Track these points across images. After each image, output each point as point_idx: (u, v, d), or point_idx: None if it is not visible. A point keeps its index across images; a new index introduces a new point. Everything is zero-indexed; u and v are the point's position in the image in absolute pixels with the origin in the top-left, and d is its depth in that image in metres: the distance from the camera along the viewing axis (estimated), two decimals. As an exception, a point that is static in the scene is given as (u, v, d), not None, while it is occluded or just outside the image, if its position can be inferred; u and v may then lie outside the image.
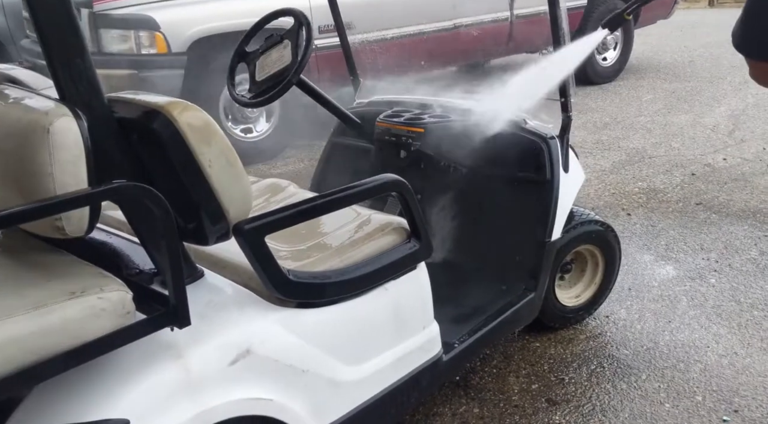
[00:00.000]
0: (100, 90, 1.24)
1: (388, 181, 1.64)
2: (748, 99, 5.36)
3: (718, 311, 2.56)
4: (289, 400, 1.44)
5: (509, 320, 2.10)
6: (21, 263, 1.29)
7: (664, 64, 6.84)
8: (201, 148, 1.28)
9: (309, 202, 1.50)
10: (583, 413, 2.06)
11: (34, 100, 1.23)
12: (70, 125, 1.13)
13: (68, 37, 1.18)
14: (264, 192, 2.06)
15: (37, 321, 1.08)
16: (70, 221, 1.16)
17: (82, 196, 1.12)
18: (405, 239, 1.71)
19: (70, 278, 1.20)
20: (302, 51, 2.06)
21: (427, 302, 1.78)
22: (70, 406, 1.19)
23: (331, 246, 1.66)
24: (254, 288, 1.47)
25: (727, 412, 2.04)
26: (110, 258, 1.47)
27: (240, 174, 1.36)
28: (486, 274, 2.27)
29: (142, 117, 1.28)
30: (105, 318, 1.14)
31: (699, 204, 3.52)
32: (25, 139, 1.14)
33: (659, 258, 2.97)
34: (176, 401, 1.26)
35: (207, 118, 1.31)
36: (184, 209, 1.33)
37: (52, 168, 1.12)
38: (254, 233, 1.38)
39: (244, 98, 2.18)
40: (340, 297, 1.56)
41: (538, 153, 2.16)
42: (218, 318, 1.38)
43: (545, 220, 2.15)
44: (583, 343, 2.40)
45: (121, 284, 1.20)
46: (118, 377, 1.23)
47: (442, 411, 2.09)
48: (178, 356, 1.28)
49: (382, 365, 1.66)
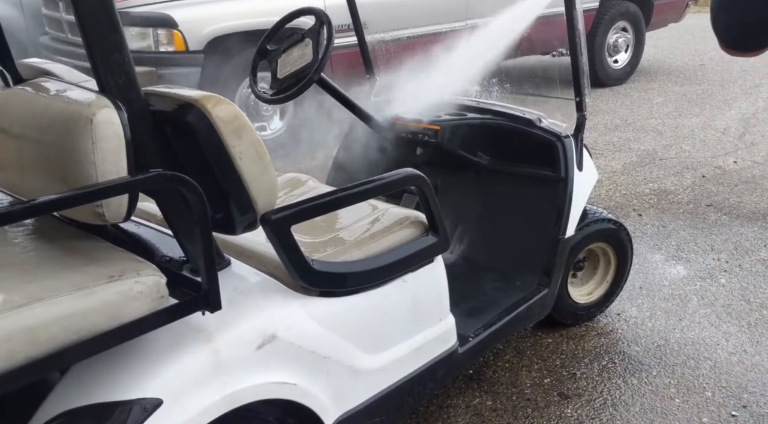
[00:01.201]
0: (137, 83, 1.29)
1: (409, 175, 1.69)
2: (759, 102, 5.38)
3: (728, 309, 2.59)
4: (311, 385, 1.49)
5: (522, 316, 2.14)
6: (58, 248, 1.34)
7: (674, 67, 6.86)
8: (232, 141, 1.33)
9: (333, 194, 1.55)
10: (595, 407, 2.10)
11: (76, 92, 1.28)
12: (112, 117, 1.18)
13: (109, 33, 1.23)
14: (285, 186, 2.11)
15: (79, 302, 1.13)
16: (110, 208, 1.22)
17: (123, 183, 1.17)
18: (423, 233, 1.75)
19: (107, 262, 1.25)
20: (323, 49, 2.10)
21: (443, 295, 1.82)
22: (106, 385, 1.25)
23: (351, 238, 1.71)
24: (279, 277, 1.52)
25: (736, 407, 2.07)
26: (142, 246, 1.53)
27: (268, 166, 1.41)
28: (500, 269, 2.31)
29: (177, 110, 1.33)
30: (141, 301, 1.19)
31: (709, 206, 3.54)
32: (68, 129, 1.19)
33: (670, 258, 3.01)
34: (206, 383, 1.31)
35: (238, 111, 1.36)
36: (214, 199, 1.38)
37: (94, 157, 1.17)
38: (281, 223, 1.43)
39: (266, 95, 2.22)
40: (361, 287, 1.60)
41: (553, 151, 2.20)
42: (245, 304, 1.43)
43: (559, 217, 2.19)
44: (595, 339, 2.44)
45: (155, 268, 1.25)
46: (152, 359, 1.28)
47: (456, 403, 2.14)
48: (208, 340, 1.33)
49: (400, 354, 1.71)
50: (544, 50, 5.68)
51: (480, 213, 2.43)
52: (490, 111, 2.38)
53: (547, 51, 5.64)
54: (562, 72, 2.33)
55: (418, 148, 2.51)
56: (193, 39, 4.07)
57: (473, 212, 2.45)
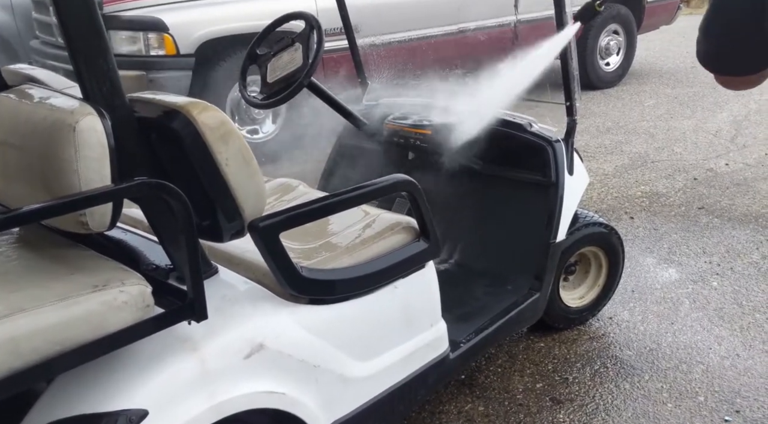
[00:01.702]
0: (121, 90, 1.28)
1: (399, 181, 1.68)
2: (751, 105, 5.40)
3: (720, 313, 2.59)
4: (301, 394, 1.48)
5: (514, 320, 2.13)
6: (43, 257, 1.32)
7: (666, 69, 6.88)
8: (218, 147, 1.32)
9: (322, 201, 1.54)
10: (587, 412, 2.09)
11: (60, 99, 1.26)
12: (95, 124, 1.17)
13: (92, 38, 1.22)
14: (275, 191, 2.09)
15: (63, 313, 1.11)
16: (94, 217, 1.20)
17: (107, 192, 1.16)
18: (414, 238, 1.74)
19: (92, 271, 1.23)
20: (313, 53, 2.10)
21: (434, 301, 1.81)
22: (91, 396, 1.23)
23: (341, 244, 1.70)
24: (267, 285, 1.51)
25: (729, 412, 2.07)
26: (127, 254, 1.51)
27: (255, 173, 1.40)
28: (492, 274, 2.31)
29: (162, 117, 1.32)
30: (126, 311, 1.18)
31: (701, 208, 3.55)
32: (51, 137, 1.18)
33: (662, 261, 3.01)
34: (192, 393, 1.30)
35: (225, 118, 1.35)
36: (201, 207, 1.37)
37: (77, 165, 1.15)
38: (269, 230, 1.42)
39: (256, 99, 2.21)
40: (351, 294, 1.59)
41: (543, 156, 2.20)
42: (233, 313, 1.42)
43: (550, 221, 2.18)
44: (587, 343, 2.44)
45: (140, 278, 1.24)
46: (137, 369, 1.27)
47: (447, 409, 2.12)
48: (194, 349, 1.32)
49: (390, 361, 1.70)
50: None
51: (471, 218, 2.43)
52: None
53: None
54: (553, 76, 2.33)
55: (410, 153, 2.50)
56: (184, 43, 4.05)
57: (465, 217, 2.44)
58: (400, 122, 2.40)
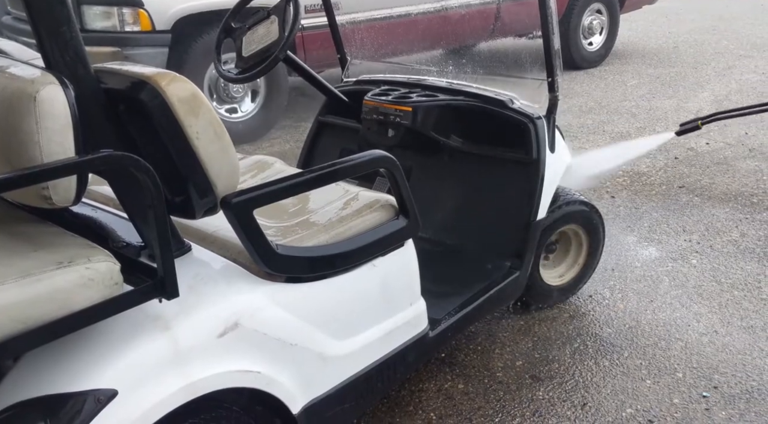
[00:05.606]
0: (86, 60, 1.23)
1: (377, 157, 1.64)
2: (732, 85, 5.41)
3: (699, 290, 2.60)
4: (277, 373, 1.45)
5: (494, 298, 2.12)
6: (6, 233, 1.27)
7: (649, 49, 6.87)
8: (188, 120, 1.28)
9: (298, 177, 1.50)
10: (566, 389, 2.09)
11: (20, 68, 1.21)
12: (57, 94, 1.12)
13: (54, 5, 1.16)
14: (251, 169, 2.05)
15: (25, 290, 1.07)
16: (57, 191, 1.15)
17: (69, 164, 1.11)
18: (393, 216, 1.72)
19: (57, 248, 1.19)
20: (289, 26, 2.04)
21: (414, 279, 1.79)
22: (58, 376, 1.19)
23: (319, 222, 1.67)
24: (242, 263, 1.47)
25: (707, 388, 2.08)
26: (97, 231, 1.47)
27: (227, 147, 1.36)
28: (472, 252, 2.29)
29: (130, 88, 1.27)
30: (93, 288, 1.14)
31: (682, 187, 3.56)
32: (11, 108, 1.13)
33: (642, 239, 3.01)
34: (164, 372, 1.26)
35: (195, 89, 1.30)
36: (172, 182, 1.33)
37: (39, 137, 1.10)
38: (242, 206, 1.38)
39: (231, 74, 2.16)
40: (328, 272, 1.56)
41: (524, 132, 2.17)
42: (206, 291, 1.38)
43: (531, 199, 2.16)
44: (567, 321, 2.44)
45: (108, 254, 1.20)
46: (106, 348, 1.23)
47: (427, 387, 2.11)
48: (166, 328, 1.29)
49: (369, 340, 1.68)
50: (518, 32, 5.65)
51: (452, 196, 2.40)
52: (463, 92, 2.34)
53: (522, 33, 5.61)
54: (535, 53, 2.30)
55: (390, 130, 2.46)
56: (159, 18, 3.95)
57: (445, 195, 2.41)
58: (380, 99, 2.35)
